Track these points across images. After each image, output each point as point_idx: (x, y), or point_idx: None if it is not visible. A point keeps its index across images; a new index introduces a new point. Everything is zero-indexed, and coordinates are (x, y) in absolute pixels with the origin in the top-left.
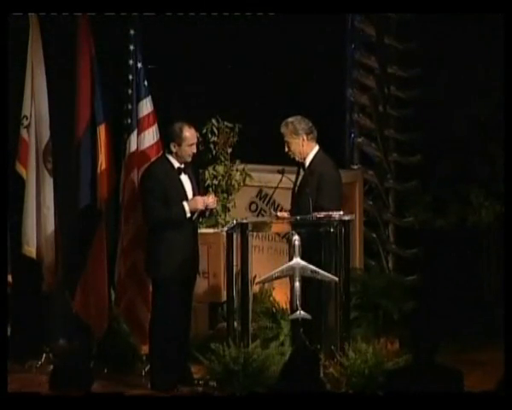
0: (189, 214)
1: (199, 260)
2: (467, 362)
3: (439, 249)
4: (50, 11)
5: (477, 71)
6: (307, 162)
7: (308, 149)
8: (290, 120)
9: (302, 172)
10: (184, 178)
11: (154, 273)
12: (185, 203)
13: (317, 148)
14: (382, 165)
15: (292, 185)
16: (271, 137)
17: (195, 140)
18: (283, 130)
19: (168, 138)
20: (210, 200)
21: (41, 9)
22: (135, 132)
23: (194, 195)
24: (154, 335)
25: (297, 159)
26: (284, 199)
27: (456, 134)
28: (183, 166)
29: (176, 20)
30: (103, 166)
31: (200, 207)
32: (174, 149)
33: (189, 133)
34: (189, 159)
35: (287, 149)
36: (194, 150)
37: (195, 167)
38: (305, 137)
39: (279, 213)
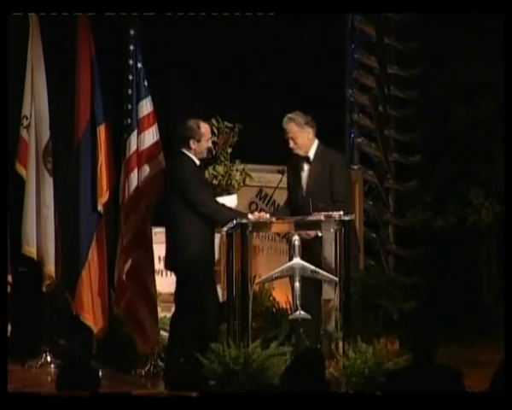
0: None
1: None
2: (467, 362)
3: (439, 249)
4: (50, 11)
5: (477, 71)
6: (311, 155)
7: (311, 143)
8: (292, 115)
9: (306, 167)
10: (204, 178)
11: (179, 269)
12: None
13: (317, 140)
14: (382, 165)
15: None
16: (271, 137)
17: (211, 135)
18: (288, 126)
19: (186, 136)
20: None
21: (41, 9)
22: (135, 132)
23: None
24: (174, 331)
25: (301, 153)
26: (284, 199)
27: (457, 134)
28: (200, 163)
29: (176, 20)
30: (103, 167)
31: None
32: (193, 146)
33: (206, 128)
34: (206, 154)
35: (292, 144)
36: (210, 144)
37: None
38: (310, 131)
39: (256, 215)
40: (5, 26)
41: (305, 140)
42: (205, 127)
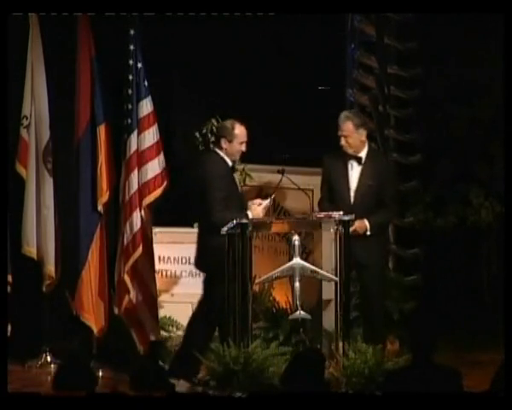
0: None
1: None
2: (467, 362)
3: (439, 249)
4: (50, 11)
5: (477, 71)
6: (363, 156)
7: (363, 145)
8: (350, 114)
9: (358, 167)
10: (236, 178)
11: (206, 270)
12: (249, 212)
13: (367, 142)
14: None
15: (292, 185)
16: (271, 137)
17: (246, 138)
18: (345, 124)
19: (219, 134)
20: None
21: (41, 9)
22: (135, 132)
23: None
24: (195, 330)
25: (350, 152)
26: (284, 199)
27: (457, 134)
28: (233, 164)
29: (176, 20)
30: (103, 167)
31: (262, 215)
32: (224, 146)
33: (241, 131)
34: (238, 157)
35: (343, 142)
36: (244, 149)
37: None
38: (364, 133)
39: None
40: (5, 26)
41: (357, 141)
42: (240, 129)
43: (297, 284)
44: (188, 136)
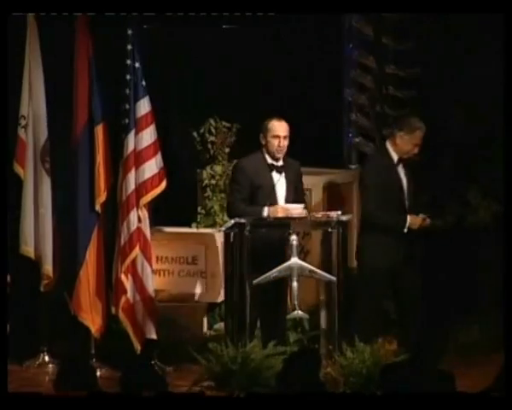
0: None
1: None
2: (466, 363)
3: (439, 249)
4: (49, 11)
5: (477, 71)
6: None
7: None
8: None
9: (402, 168)
10: (277, 177)
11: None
12: (266, 208)
13: None
14: None
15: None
16: None
17: (283, 133)
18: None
19: (260, 131)
20: (296, 211)
21: (40, 9)
22: (132, 132)
23: (288, 197)
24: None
25: (397, 158)
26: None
27: (456, 134)
28: (277, 163)
29: (175, 20)
30: (101, 166)
31: (280, 215)
32: (263, 142)
33: (273, 125)
34: (279, 154)
35: (412, 149)
36: (282, 144)
37: (194, 167)
38: None
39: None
40: (5, 26)
41: None
42: (273, 123)
43: (295, 284)
44: (186, 136)
